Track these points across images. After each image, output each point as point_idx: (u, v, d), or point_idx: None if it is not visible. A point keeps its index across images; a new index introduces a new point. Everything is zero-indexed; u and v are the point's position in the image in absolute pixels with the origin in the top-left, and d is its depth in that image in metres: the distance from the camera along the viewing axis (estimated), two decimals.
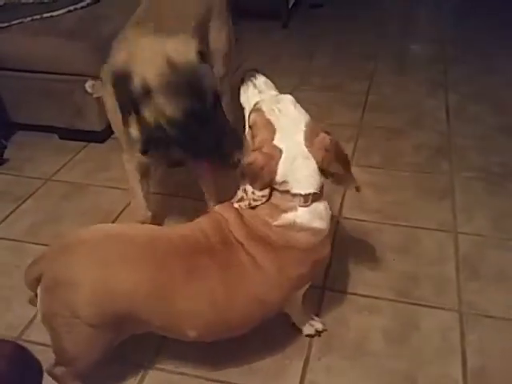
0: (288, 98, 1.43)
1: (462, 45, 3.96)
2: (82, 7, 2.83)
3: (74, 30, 2.63)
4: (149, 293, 1.31)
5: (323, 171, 1.37)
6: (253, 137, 1.40)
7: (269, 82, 1.52)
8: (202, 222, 1.46)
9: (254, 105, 1.44)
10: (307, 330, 1.71)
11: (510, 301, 1.83)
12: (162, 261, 1.34)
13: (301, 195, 1.35)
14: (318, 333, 1.71)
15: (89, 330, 1.31)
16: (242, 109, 1.53)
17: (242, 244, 1.37)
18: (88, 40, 2.56)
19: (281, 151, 1.33)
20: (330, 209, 1.45)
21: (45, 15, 2.73)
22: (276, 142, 1.34)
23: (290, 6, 4.46)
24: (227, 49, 2.35)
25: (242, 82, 1.51)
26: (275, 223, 1.36)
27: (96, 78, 2.60)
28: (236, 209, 1.41)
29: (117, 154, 2.71)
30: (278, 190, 1.36)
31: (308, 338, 1.71)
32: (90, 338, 1.34)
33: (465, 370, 1.60)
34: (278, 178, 1.33)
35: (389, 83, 3.43)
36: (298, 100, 1.46)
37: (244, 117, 1.50)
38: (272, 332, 1.69)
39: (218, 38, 2.29)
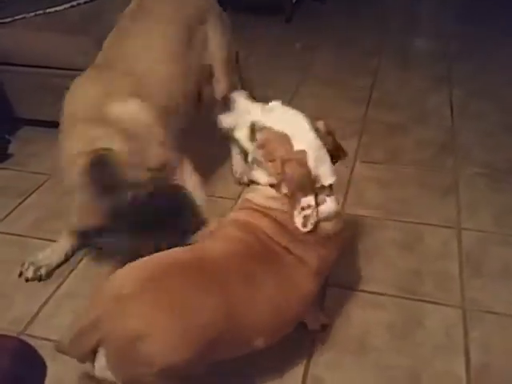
0: (276, 104, 1.46)
1: (466, 41, 3.95)
2: (85, 2, 2.82)
3: (78, 25, 2.63)
4: (224, 317, 1.25)
5: (332, 154, 1.43)
6: (268, 154, 1.39)
7: (247, 97, 1.50)
8: (232, 233, 1.41)
9: (251, 126, 1.43)
10: (313, 325, 1.71)
11: None
12: (220, 281, 1.28)
13: (329, 186, 1.40)
14: (323, 328, 1.72)
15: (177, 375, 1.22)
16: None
17: (286, 248, 1.37)
18: (91, 35, 2.56)
19: (305, 152, 1.36)
20: None
21: (48, 10, 2.72)
22: (296, 147, 1.36)
23: (293, 1, 4.45)
24: (226, 55, 2.24)
25: (224, 107, 1.49)
26: (310, 221, 1.36)
27: None
28: (266, 214, 1.40)
29: None
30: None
31: (311, 334, 1.71)
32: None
33: (468, 367, 1.60)
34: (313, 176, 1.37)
35: (393, 79, 3.42)
36: (302, 95, 1.46)
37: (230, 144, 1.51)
38: None
39: (216, 45, 2.18)
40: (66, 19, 2.68)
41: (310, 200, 1.34)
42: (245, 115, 1.45)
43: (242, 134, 1.47)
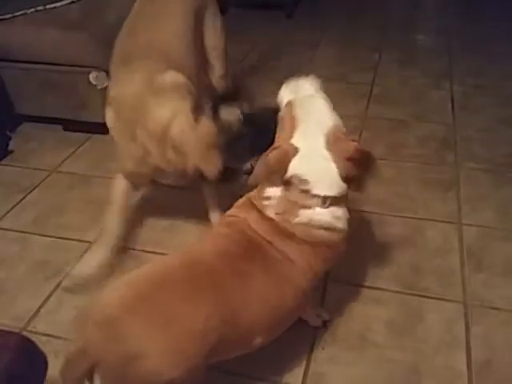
0: (321, 99, 1.44)
1: (467, 36, 3.93)
2: None
3: (78, 21, 2.63)
4: (220, 322, 1.22)
5: (346, 178, 1.36)
6: (279, 131, 1.42)
7: (315, 84, 1.53)
8: (220, 231, 1.41)
9: (289, 101, 1.44)
10: (314, 321, 1.72)
11: None
12: (212, 285, 1.25)
13: (319, 196, 1.34)
14: (324, 323, 1.72)
15: None
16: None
17: (270, 242, 1.35)
18: (92, 31, 2.56)
19: (296, 149, 1.33)
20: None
21: (48, 6, 2.72)
22: (294, 140, 1.35)
23: None
24: (224, 43, 2.29)
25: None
26: (294, 220, 1.35)
27: (100, 69, 2.60)
28: (254, 207, 1.39)
29: None
30: (298, 189, 1.35)
31: (312, 329, 1.71)
32: None
33: (469, 362, 1.60)
34: (290, 174, 1.33)
35: (393, 74, 3.41)
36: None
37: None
38: None
39: (215, 33, 2.23)
40: (67, 15, 2.68)
41: (272, 192, 1.35)
42: (293, 90, 1.49)
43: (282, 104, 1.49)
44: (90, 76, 2.61)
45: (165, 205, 2.31)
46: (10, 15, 2.66)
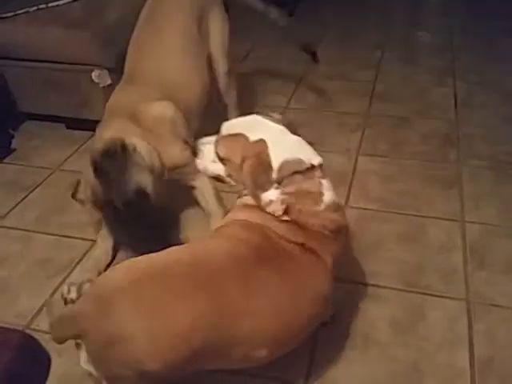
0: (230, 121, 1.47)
1: (470, 33, 3.92)
2: None
3: (80, 20, 2.63)
4: (210, 324, 1.18)
5: None
6: (231, 162, 1.39)
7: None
8: (239, 233, 1.33)
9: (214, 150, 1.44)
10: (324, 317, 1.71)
11: None
12: (212, 286, 1.21)
13: (319, 166, 1.35)
14: (331, 318, 1.71)
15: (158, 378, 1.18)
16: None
17: (302, 244, 1.31)
18: (94, 29, 2.55)
19: (263, 141, 1.32)
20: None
21: (50, 4, 2.72)
22: (252, 138, 1.34)
23: None
24: (227, 41, 2.34)
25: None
26: (321, 208, 1.33)
27: (102, 67, 2.60)
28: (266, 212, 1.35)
29: None
30: (301, 174, 1.33)
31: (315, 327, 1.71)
32: None
33: (472, 360, 1.60)
34: (279, 164, 1.32)
35: (396, 72, 3.40)
36: (304, 89, 1.47)
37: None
38: None
39: (221, 31, 2.29)
40: (69, 14, 2.67)
41: (270, 195, 1.31)
42: (207, 147, 1.45)
43: (214, 167, 1.46)
44: (93, 74, 2.61)
45: None
46: (13, 13, 2.66)
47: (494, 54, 3.55)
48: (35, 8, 2.70)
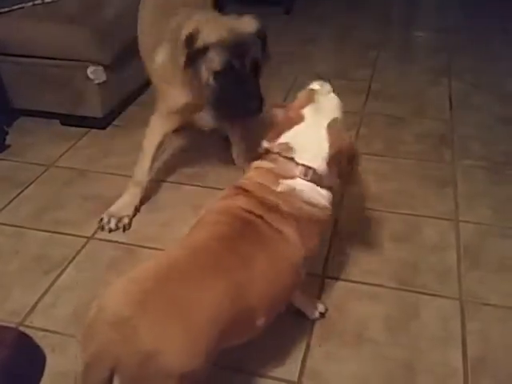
0: (337, 98, 1.57)
1: (466, 33, 3.93)
2: None
3: (76, 16, 2.62)
4: (231, 301, 1.22)
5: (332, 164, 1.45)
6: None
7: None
8: (211, 218, 1.42)
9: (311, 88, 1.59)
10: (313, 314, 1.72)
11: (511, 289, 1.84)
12: (218, 269, 1.26)
13: (303, 166, 1.42)
14: (322, 315, 1.73)
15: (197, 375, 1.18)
16: None
17: (261, 217, 1.37)
18: (90, 25, 2.55)
19: (303, 118, 1.46)
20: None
21: (46, 0, 2.71)
22: (304, 111, 1.48)
23: None
24: None
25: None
26: (278, 189, 1.40)
27: (98, 63, 2.60)
28: (241, 190, 1.43)
29: (118, 141, 2.73)
30: (282, 156, 1.44)
31: (309, 326, 1.72)
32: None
33: (465, 359, 1.61)
34: (284, 139, 1.45)
35: (392, 71, 3.41)
36: (300, 87, 1.51)
37: None
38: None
39: None
40: (65, 10, 2.67)
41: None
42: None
43: None
44: (88, 70, 2.61)
45: (162, 199, 2.31)
46: (8, 9, 2.65)
47: (490, 55, 3.56)
48: (31, 3, 2.69)
